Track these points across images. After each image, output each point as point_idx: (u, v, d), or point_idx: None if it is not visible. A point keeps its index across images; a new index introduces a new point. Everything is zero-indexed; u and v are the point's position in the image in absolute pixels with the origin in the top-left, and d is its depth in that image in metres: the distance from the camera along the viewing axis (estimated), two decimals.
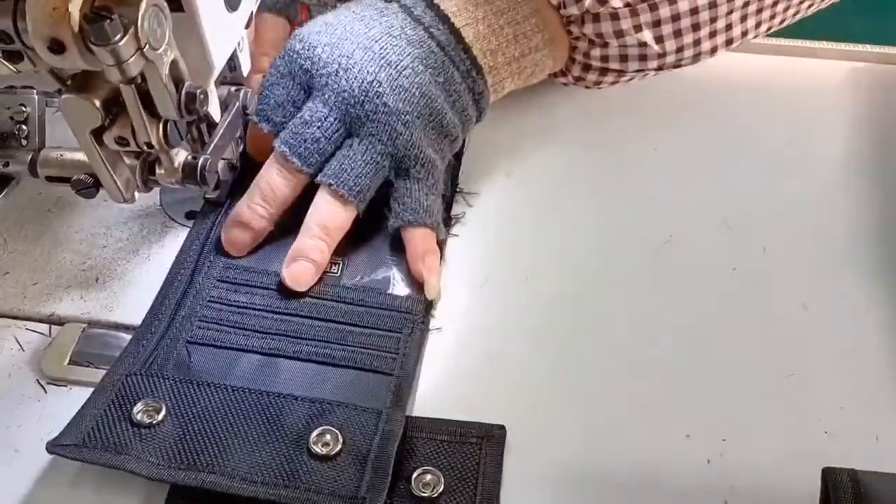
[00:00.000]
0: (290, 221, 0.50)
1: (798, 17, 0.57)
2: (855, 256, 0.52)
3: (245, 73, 0.50)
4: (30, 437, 0.43)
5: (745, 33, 0.54)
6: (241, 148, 0.53)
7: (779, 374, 0.46)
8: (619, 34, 0.51)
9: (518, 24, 0.51)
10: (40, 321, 0.48)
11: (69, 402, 0.44)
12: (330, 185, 0.48)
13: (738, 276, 0.51)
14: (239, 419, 0.42)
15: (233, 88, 0.48)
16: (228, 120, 0.48)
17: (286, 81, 0.50)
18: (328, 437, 0.41)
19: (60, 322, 0.48)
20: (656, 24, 0.51)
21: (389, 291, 0.49)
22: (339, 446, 0.41)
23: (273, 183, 0.49)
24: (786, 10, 0.55)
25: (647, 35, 0.51)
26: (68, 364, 0.46)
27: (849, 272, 0.51)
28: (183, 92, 0.40)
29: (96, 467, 0.41)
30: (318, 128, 0.48)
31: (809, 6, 0.56)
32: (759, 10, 0.53)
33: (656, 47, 0.52)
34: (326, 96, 0.49)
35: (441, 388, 0.46)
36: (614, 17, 0.51)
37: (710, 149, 0.59)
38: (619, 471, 0.42)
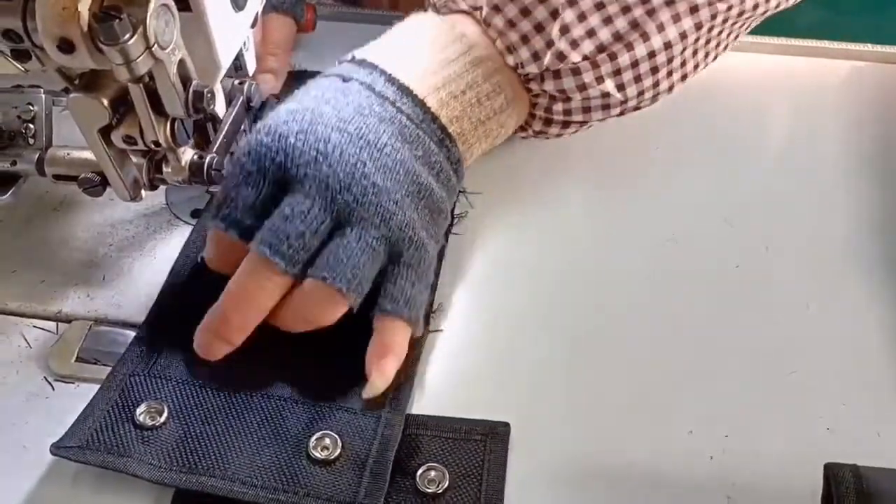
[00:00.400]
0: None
1: (738, 37, 0.56)
2: (856, 255, 0.52)
3: (250, 73, 0.50)
4: (38, 434, 0.43)
5: (696, 66, 0.54)
6: None
7: (781, 372, 0.46)
8: (582, 87, 0.51)
9: (479, 87, 0.50)
10: (47, 319, 0.48)
11: (77, 399, 0.44)
12: (324, 278, 0.43)
13: (740, 274, 0.51)
14: (240, 423, 0.42)
15: (236, 81, 0.48)
16: (233, 114, 0.48)
17: (255, 179, 0.44)
18: (327, 441, 0.41)
19: (67, 319, 0.48)
20: (616, 72, 0.51)
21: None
22: (339, 451, 0.41)
23: (250, 291, 0.44)
24: (728, 34, 0.55)
25: (608, 85, 0.51)
26: (75, 361, 0.46)
27: (850, 270, 0.51)
28: (190, 91, 0.40)
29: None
30: (302, 221, 0.43)
31: (744, 24, 0.55)
32: (707, 42, 0.53)
33: (618, 95, 0.51)
34: (307, 187, 0.43)
35: (445, 386, 0.46)
36: (575, 71, 0.50)
37: (711, 147, 0.59)
38: (622, 467, 0.43)
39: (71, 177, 0.47)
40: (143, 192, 0.47)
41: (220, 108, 0.47)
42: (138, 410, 0.42)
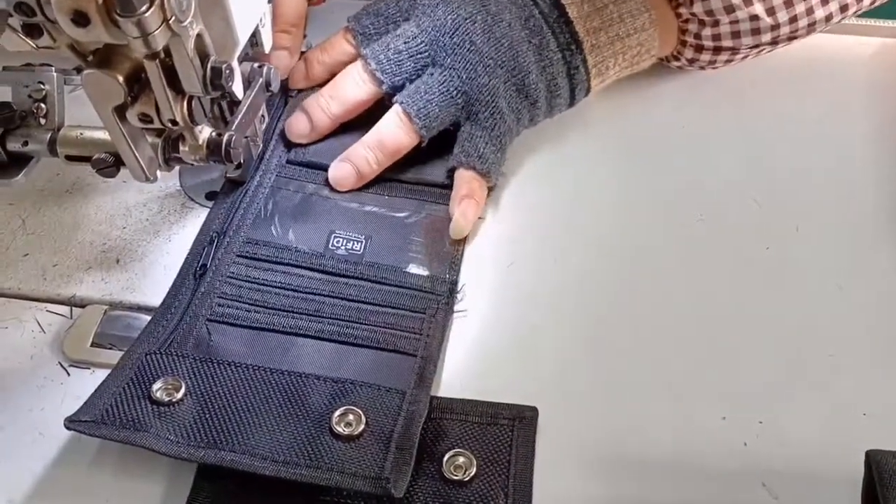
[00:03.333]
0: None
1: None
2: (888, 235, 0.51)
3: (266, 50, 0.49)
4: (53, 420, 0.42)
5: None
6: (264, 126, 0.52)
7: (815, 356, 0.45)
8: (730, 9, 0.51)
9: (623, 3, 0.52)
10: (61, 303, 0.47)
11: (92, 385, 0.43)
12: (401, 103, 0.50)
13: (771, 256, 0.50)
14: (260, 398, 0.41)
15: (256, 65, 0.47)
16: (252, 97, 0.47)
17: (390, 1, 0.53)
18: (350, 416, 0.40)
19: (81, 304, 0.47)
20: None
21: (413, 271, 0.48)
22: (362, 426, 0.40)
23: (345, 82, 0.52)
24: None
25: (757, 8, 0.51)
26: (91, 346, 0.45)
27: (882, 251, 0.50)
28: (208, 67, 0.39)
29: (117, 450, 0.41)
30: (405, 43, 0.51)
31: None
32: None
33: (768, 19, 0.51)
34: (421, 21, 0.51)
35: (471, 369, 0.45)
36: None
37: (739, 127, 0.58)
38: (652, 453, 0.41)
39: (84, 157, 0.46)
40: (158, 171, 0.45)
41: (237, 86, 0.46)
42: (154, 387, 0.41)
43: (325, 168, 0.52)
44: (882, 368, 0.45)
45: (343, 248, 0.49)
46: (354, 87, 0.52)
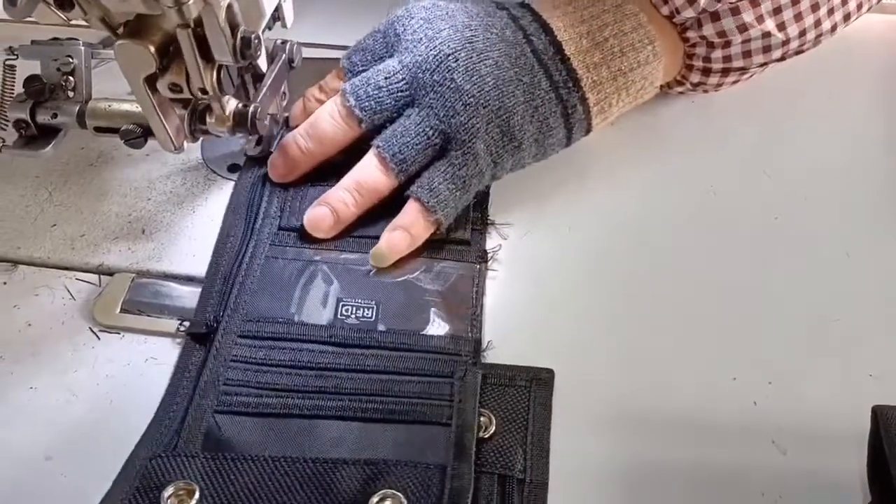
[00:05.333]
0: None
1: None
2: (894, 204, 0.52)
3: (289, 25, 0.50)
4: (86, 382, 0.44)
5: (859, 5, 0.53)
6: (286, 102, 0.53)
7: (824, 320, 0.46)
8: (742, 28, 0.50)
9: (625, 36, 0.50)
10: (89, 271, 0.49)
11: (121, 349, 0.45)
12: (378, 146, 0.48)
13: (780, 225, 0.51)
14: (285, 494, 0.37)
15: (279, 41, 0.48)
16: (275, 72, 0.48)
17: (377, 35, 0.52)
18: (389, 502, 0.37)
19: (109, 272, 0.49)
20: (777, 10, 0.50)
21: (432, 332, 0.45)
22: None
23: (320, 118, 0.50)
24: None
25: (769, 24, 0.50)
26: (119, 312, 0.47)
27: (889, 220, 0.51)
28: (238, 37, 0.40)
29: None
30: (385, 79, 0.49)
31: None
32: None
33: (780, 35, 0.50)
34: (404, 57, 0.49)
35: (489, 336, 0.46)
36: (735, 11, 0.49)
37: (749, 100, 0.59)
38: (665, 412, 0.43)
39: (112, 129, 0.47)
40: (185, 143, 0.47)
41: (261, 60, 0.47)
42: (165, 494, 0.37)
43: None
44: (888, 332, 0.46)
45: (353, 316, 0.45)
46: (330, 124, 0.50)
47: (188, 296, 0.47)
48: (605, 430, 0.42)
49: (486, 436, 0.41)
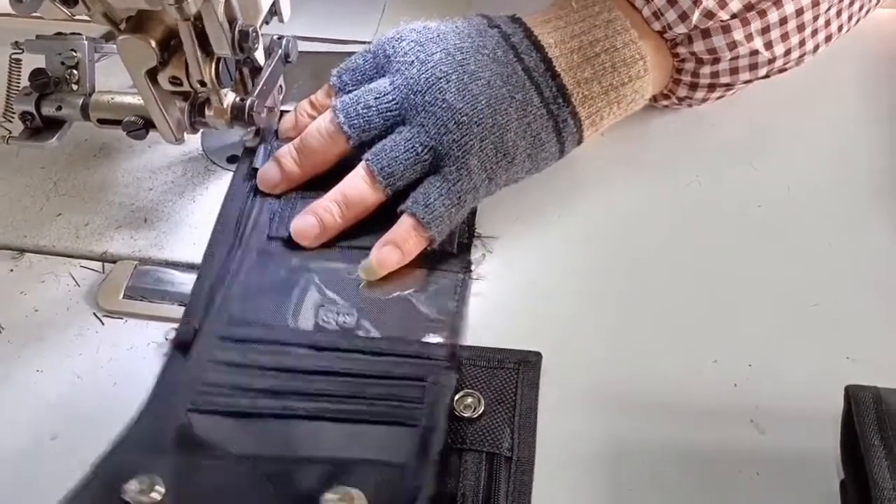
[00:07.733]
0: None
1: (879, 3, 0.57)
2: (878, 195, 0.53)
3: (286, 20, 0.52)
4: (90, 365, 0.45)
5: (840, 28, 0.54)
6: (282, 95, 0.54)
7: (802, 304, 0.48)
8: (732, 46, 0.50)
9: (616, 52, 0.50)
10: (93, 259, 0.50)
11: (125, 333, 0.47)
12: (367, 160, 0.49)
13: (762, 213, 0.52)
14: (245, 489, 0.38)
15: (275, 36, 0.50)
16: (272, 65, 0.49)
17: (368, 56, 0.53)
18: (346, 500, 0.38)
19: (112, 259, 0.50)
20: (765, 30, 0.50)
21: (408, 338, 0.46)
22: None
23: (310, 135, 0.51)
24: None
25: (757, 43, 0.50)
26: (122, 298, 0.48)
27: (872, 210, 0.53)
28: (236, 30, 0.41)
29: None
30: (375, 98, 0.50)
31: None
32: (851, 3, 0.53)
33: (766, 53, 0.51)
34: (395, 78, 0.50)
35: (479, 320, 0.47)
36: (725, 29, 0.50)
37: (735, 93, 0.60)
38: (648, 393, 0.44)
39: (115, 121, 0.49)
40: (185, 134, 0.48)
41: (259, 55, 0.49)
42: (130, 487, 0.37)
43: None
44: (866, 316, 0.47)
45: (333, 321, 0.46)
46: (318, 140, 0.51)
47: (189, 283, 0.49)
48: (591, 410, 0.44)
49: (475, 416, 0.43)
